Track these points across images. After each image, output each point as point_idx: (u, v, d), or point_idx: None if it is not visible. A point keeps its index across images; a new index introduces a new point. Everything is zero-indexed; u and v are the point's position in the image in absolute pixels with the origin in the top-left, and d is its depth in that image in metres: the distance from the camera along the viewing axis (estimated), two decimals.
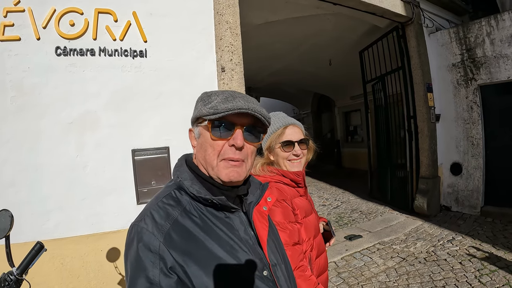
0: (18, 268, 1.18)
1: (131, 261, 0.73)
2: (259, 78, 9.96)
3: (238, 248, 0.81)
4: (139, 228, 0.75)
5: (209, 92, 0.87)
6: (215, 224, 0.81)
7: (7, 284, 1.15)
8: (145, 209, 0.81)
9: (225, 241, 0.80)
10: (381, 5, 4.77)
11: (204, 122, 0.83)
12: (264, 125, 0.87)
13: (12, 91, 2.48)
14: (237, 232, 0.84)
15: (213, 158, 0.83)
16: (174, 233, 0.74)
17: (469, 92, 5.26)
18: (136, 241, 0.73)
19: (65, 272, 2.54)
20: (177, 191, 0.83)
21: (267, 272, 0.84)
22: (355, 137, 12.64)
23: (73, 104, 2.64)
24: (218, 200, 0.80)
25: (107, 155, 2.71)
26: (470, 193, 5.34)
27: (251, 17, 4.79)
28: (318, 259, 1.46)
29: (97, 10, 2.72)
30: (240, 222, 0.85)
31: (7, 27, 2.49)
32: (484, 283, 3.09)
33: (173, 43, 2.99)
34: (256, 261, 0.83)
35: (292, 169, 1.49)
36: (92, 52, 2.71)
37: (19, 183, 2.45)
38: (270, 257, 0.88)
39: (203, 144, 0.85)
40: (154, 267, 0.70)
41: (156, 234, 0.73)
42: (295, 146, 1.48)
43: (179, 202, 0.81)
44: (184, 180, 0.83)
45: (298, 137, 1.50)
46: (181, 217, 0.78)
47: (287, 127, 1.51)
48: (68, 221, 2.56)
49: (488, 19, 4.86)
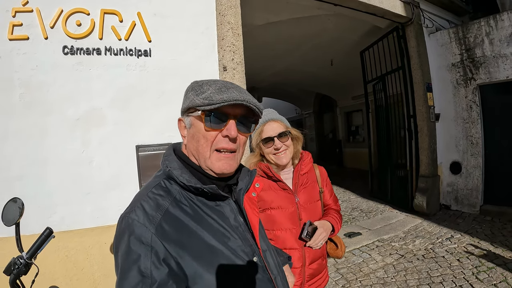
0: (28, 253, 1.24)
1: (122, 254, 0.71)
2: (261, 78, 10.00)
3: (229, 236, 0.81)
4: (130, 219, 0.73)
5: (199, 81, 0.85)
6: (206, 213, 0.81)
7: (17, 268, 1.21)
8: (134, 200, 0.80)
9: (216, 230, 0.80)
10: (381, 6, 4.82)
11: (196, 112, 0.81)
12: (256, 115, 0.87)
13: (21, 89, 2.56)
14: (228, 220, 0.84)
15: (206, 149, 0.82)
16: (166, 223, 0.73)
17: (468, 92, 5.30)
18: (127, 233, 0.71)
19: (69, 264, 2.61)
20: (167, 181, 0.82)
21: (257, 258, 0.85)
22: (357, 137, 12.66)
23: (79, 101, 2.72)
24: (208, 188, 0.79)
25: (112, 150, 2.78)
26: (470, 192, 5.37)
27: (253, 17, 4.85)
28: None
29: (103, 10, 2.80)
30: (230, 210, 0.85)
31: (15, 27, 2.57)
32: (481, 279, 3.12)
33: (177, 42, 3.07)
34: (247, 248, 0.83)
35: (278, 161, 1.59)
36: (98, 51, 2.79)
37: (27, 177, 2.53)
38: (261, 243, 0.89)
39: (195, 134, 0.83)
40: (146, 259, 0.68)
41: (147, 226, 0.71)
42: (275, 140, 1.55)
43: (169, 192, 0.80)
44: (174, 170, 0.82)
45: (277, 131, 1.56)
46: (172, 207, 0.77)
47: (265, 124, 1.58)
48: (74, 215, 2.64)
49: (487, 19, 4.90)
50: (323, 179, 1.75)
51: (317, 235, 1.53)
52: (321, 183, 1.72)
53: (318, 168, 1.76)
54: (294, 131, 1.64)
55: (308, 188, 1.65)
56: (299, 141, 1.66)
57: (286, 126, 1.61)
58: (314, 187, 1.68)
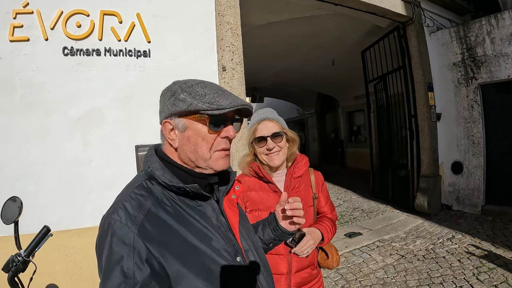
0: (25, 251, 1.26)
1: (105, 255, 0.70)
2: (263, 78, 10.01)
3: (211, 236, 0.81)
4: (112, 220, 0.72)
5: (183, 82, 0.85)
6: (188, 213, 0.81)
7: (15, 265, 1.23)
8: (116, 201, 0.79)
9: (198, 229, 0.80)
10: (381, 5, 4.81)
11: (196, 116, 0.81)
12: (247, 116, 0.91)
13: (22, 89, 2.59)
14: (210, 219, 0.84)
15: (206, 151, 0.83)
16: (148, 223, 0.73)
17: (469, 91, 5.27)
18: (109, 234, 0.71)
19: (69, 263, 2.63)
20: (149, 181, 0.82)
21: (240, 257, 0.85)
22: (359, 137, 12.64)
23: (79, 101, 2.74)
24: (191, 188, 0.79)
25: (112, 150, 2.80)
26: (471, 192, 5.34)
27: (253, 18, 4.87)
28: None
29: (103, 12, 2.82)
30: (212, 210, 0.86)
31: (16, 28, 2.60)
32: (482, 280, 3.11)
33: (176, 43, 3.09)
34: (229, 248, 0.84)
35: (270, 162, 1.54)
36: (98, 52, 2.82)
37: (27, 177, 2.56)
38: (242, 243, 0.90)
39: (192, 137, 0.83)
40: (128, 260, 0.68)
41: (130, 226, 0.71)
42: (268, 140, 1.51)
43: (151, 192, 0.80)
44: (156, 170, 0.81)
45: (271, 131, 1.51)
46: (154, 207, 0.77)
47: (260, 123, 1.55)
48: (73, 214, 2.66)
49: (488, 18, 4.88)
50: (318, 185, 1.67)
51: (303, 242, 1.45)
52: (315, 188, 1.64)
53: (314, 172, 1.69)
54: (290, 132, 1.59)
55: (301, 192, 1.58)
56: (294, 143, 1.61)
57: (282, 127, 1.56)
58: (307, 192, 1.62)
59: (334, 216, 1.72)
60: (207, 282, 0.75)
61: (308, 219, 1.57)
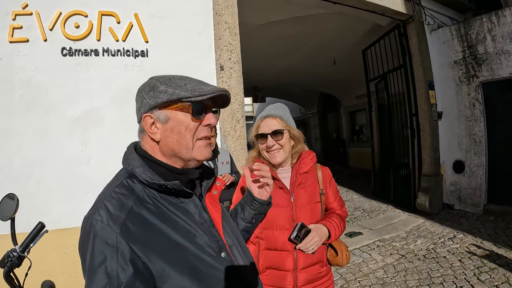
0: (21, 246, 1.27)
1: (88, 256, 0.69)
2: (265, 78, 10.01)
3: (195, 232, 0.81)
4: (94, 221, 0.71)
5: (160, 76, 0.86)
6: (170, 210, 0.80)
7: (10, 260, 1.24)
8: (97, 201, 0.78)
9: (181, 226, 0.79)
10: (381, 3, 4.79)
11: (177, 105, 0.81)
12: (224, 106, 0.93)
13: (21, 89, 2.62)
14: (192, 216, 0.83)
15: (189, 139, 0.83)
16: (130, 223, 0.72)
17: (471, 89, 5.23)
18: (92, 235, 0.70)
19: (68, 261, 2.66)
20: (129, 180, 0.81)
21: (224, 253, 0.84)
22: (361, 136, 12.58)
23: (78, 101, 2.77)
24: (172, 185, 0.78)
25: (110, 150, 2.80)
26: (473, 191, 5.30)
27: (253, 17, 4.87)
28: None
29: (101, 12, 2.85)
30: (194, 206, 0.85)
31: (16, 29, 2.64)
32: (483, 280, 3.08)
33: (174, 43, 3.10)
34: (213, 244, 0.83)
35: (271, 159, 1.54)
36: (96, 52, 2.84)
37: (26, 176, 2.59)
38: (226, 238, 0.89)
39: (175, 127, 0.83)
40: (112, 261, 0.67)
41: (112, 226, 0.70)
42: (268, 138, 1.50)
43: (132, 191, 0.79)
44: (136, 168, 0.80)
45: (271, 128, 1.50)
46: (135, 206, 0.76)
47: (263, 120, 1.54)
48: (72, 213, 2.65)
49: (489, 16, 4.84)
50: (325, 180, 1.64)
51: (308, 238, 1.44)
52: (322, 184, 1.61)
53: (321, 168, 1.65)
54: (294, 131, 1.56)
55: (307, 188, 1.57)
56: (299, 141, 1.59)
57: (286, 124, 1.54)
58: (314, 188, 1.59)
59: (343, 212, 1.68)
60: (192, 279, 0.75)
61: (314, 214, 1.56)
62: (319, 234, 1.47)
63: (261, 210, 1.16)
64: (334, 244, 1.60)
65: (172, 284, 0.72)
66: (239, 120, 3.28)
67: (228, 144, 3.18)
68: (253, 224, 1.16)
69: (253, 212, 1.14)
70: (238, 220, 1.15)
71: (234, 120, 3.24)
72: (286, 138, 1.53)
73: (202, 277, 0.77)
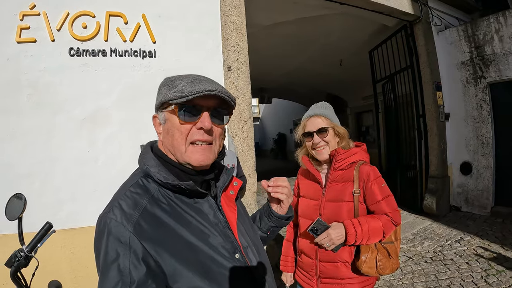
0: (28, 246, 1.27)
1: (102, 254, 0.71)
2: (271, 79, 9.99)
3: (208, 233, 0.80)
4: (108, 219, 0.72)
5: (172, 77, 0.85)
6: (184, 210, 0.80)
7: (17, 260, 1.24)
8: (112, 200, 0.79)
9: (195, 227, 0.79)
10: (387, 4, 4.76)
11: (170, 107, 0.81)
12: (230, 107, 0.87)
13: (28, 89, 2.63)
14: (207, 216, 0.83)
15: (181, 142, 0.82)
16: (144, 222, 0.73)
17: (478, 90, 5.19)
18: (106, 233, 0.71)
19: (75, 261, 2.66)
20: (144, 179, 0.82)
21: (239, 254, 0.83)
22: (367, 137, 12.48)
23: (85, 101, 2.77)
24: (186, 185, 0.79)
25: (117, 149, 2.83)
26: (480, 193, 5.25)
27: (260, 18, 4.86)
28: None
29: (108, 13, 2.85)
30: (209, 206, 0.85)
31: (23, 30, 2.64)
32: (490, 283, 3.06)
33: (181, 43, 3.10)
34: (228, 245, 0.82)
35: (318, 156, 1.64)
36: (104, 52, 2.84)
37: (34, 175, 2.59)
38: (241, 239, 0.88)
39: (170, 129, 0.83)
40: (125, 259, 0.68)
41: (125, 225, 0.71)
42: (314, 136, 1.60)
43: (147, 190, 0.80)
44: (151, 167, 0.81)
45: (317, 127, 1.60)
46: (149, 205, 0.77)
47: (309, 119, 1.65)
48: (79, 212, 2.68)
49: (496, 16, 4.80)
50: (362, 180, 1.57)
51: (322, 235, 1.48)
52: (358, 183, 1.56)
53: (360, 167, 1.60)
54: (339, 128, 1.64)
55: (338, 186, 1.59)
56: (343, 138, 1.65)
57: (330, 122, 1.63)
58: (346, 186, 1.58)
59: (387, 218, 1.55)
60: (204, 279, 0.74)
61: (340, 213, 1.56)
62: (334, 233, 1.48)
63: (278, 224, 1.12)
64: (362, 247, 1.52)
65: (184, 284, 0.73)
66: (247, 121, 3.26)
67: (235, 145, 3.17)
68: (268, 236, 1.14)
69: (269, 223, 1.11)
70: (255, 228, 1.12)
71: (242, 121, 3.23)
72: (331, 135, 1.62)
73: (214, 277, 0.76)
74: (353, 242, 1.49)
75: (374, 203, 1.57)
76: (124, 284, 0.67)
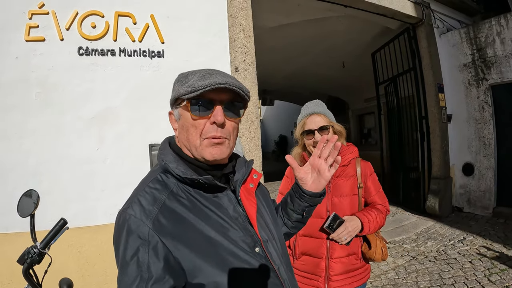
0: (41, 243, 1.26)
1: (121, 249, 0.71)
2: (274, 81, 9.97)
3: (228, 227, 0.80)
4: (127, 215, 0.73)
5: (185, 72, 0.85)
6: (203, 204, 0.80)
7: (31, 257, 1.23)
8: (132, 196, 0.79)
9: (215, 221, 0.79)
10: (390, 7, 4.81)
11: (183, 103, 0.80)
12: (244, 99, 0.85)
13: (37, 88, 2.63)
14: (226, 210, 0.82)
15: (195, 138, 0.81)
16: (163, 217, 0.73)
17: (480, 92, 5.24)
18: (125, 229, 0.72)
19: (82, 260, 2.66)
20: (163, 175, 0.82)
21: (259, 248, 0.82)
22: (369, 139, 12.47)
23: (94, 100, 2.78)
24: (204, 179, 0.78)
25: (126, 149, 2.83)
26: (482, 194, 5.29)
27: (265, 20, 4.88)
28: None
29: (117, 13, 2.87)
30: (228, 200, 0.84)
31: (32, 28, 2.65)
32: (493, 281, 3.09)
33: (189, 44, 3.11)
34: (248, 239, 0.81)
35: None
36: (113, 52, 2.85)
37: (42, 174, 2.59)
38: (261, 233, 0.87)
39: (184, 125, 0.82)
40: (143, 254, 0.69)
41: (144, 221, 0.71)
42: (315, 133, 1.60)
43: (165, 185, 0.80)
44: (169, 163, 0.81)
45: (318, 125, 1.60)
46: (168, 200, 0.76)
47: (308, 117, 1.65)
48: (87, 211, 2.68)
49: (498, 19, 4.85)
50: (365, 174, 1.70)
51: (340, 229, 1.51)
52: (361, 177, 1.68)
53: (361, 162, 1.73)
54: (337, 125, 1.67)
55: (342, 180, 1.65)
56: (342, 135, 1.67)
57: (329, 120, 1.64)
58: (352, 180, 1.67)
59: (383, 207, 1.71)
60: (224, 274, 0.74)
61: (348, 206, 1.63)
62: (351, 225, 1.54)
63: (312, 202, 1.06)
64: (369, 237, 1.64)
65: (204, 278, 0.72)
66: (254, 122, 3.28)
67: (242, 145, 3.19)
68: (304, 216, 1.10)
69: (302, 204, 1.06)
70: (289, 212, 1.10)
71: (249, 121, 3.24)
72: (331, 133, 1.63)
73: (234, 272, 0.76)
74: (367, 232, 1.58)
75: (373, 195, 1.71)
76: (142, 279, 0.67)
